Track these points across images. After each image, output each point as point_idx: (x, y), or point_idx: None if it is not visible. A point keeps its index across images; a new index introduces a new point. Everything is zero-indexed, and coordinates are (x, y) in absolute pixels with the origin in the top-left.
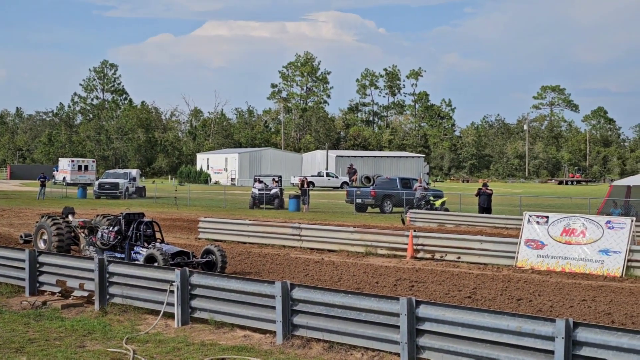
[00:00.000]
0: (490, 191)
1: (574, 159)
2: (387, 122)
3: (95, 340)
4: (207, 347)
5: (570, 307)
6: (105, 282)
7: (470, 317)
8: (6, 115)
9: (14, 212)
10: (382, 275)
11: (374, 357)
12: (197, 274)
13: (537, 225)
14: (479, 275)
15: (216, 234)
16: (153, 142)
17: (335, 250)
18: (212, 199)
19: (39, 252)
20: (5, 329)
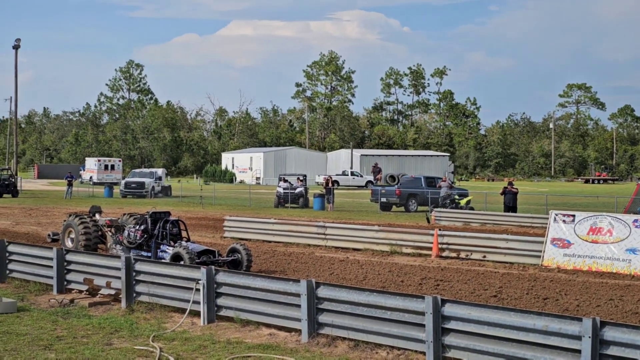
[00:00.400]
0: (516, 190)
1: (601, 158)
2: (412, 121)
3: (122, 338)
4: (233, 345)
5: (597, 307)
6: (132, 281)
7: (496, 315)
8: (34, 116)
9: (42, 211)
10: (407, 274)
11: (400, 356)
12: (222, 273)
13: (564, 224)
14: (505, 274)
15: (241, 232)
16: (178, 142)
17: (360, 249)
18: (237, 198)
19: (67, 250)
20: (34, 327)
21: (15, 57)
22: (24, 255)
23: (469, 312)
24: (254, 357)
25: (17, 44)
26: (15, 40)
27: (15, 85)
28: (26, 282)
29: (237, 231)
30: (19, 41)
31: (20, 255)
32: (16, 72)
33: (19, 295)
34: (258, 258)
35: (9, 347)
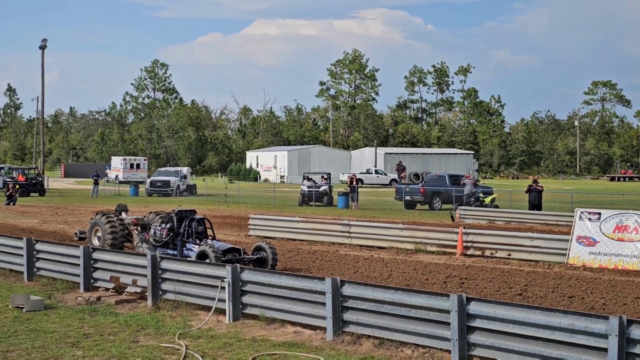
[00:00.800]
0: (541, 188)
1: (627, 155)
2: (436, 119)
3: (149, 335)
4: (258, 342)
5: (623, 305)
6: (157, 279)
7: (522, 314)
8: (60, 115)
9: (69, 210)
10: (432, 272)
11: (425, 354)
12: (247, 271)
13: (589, 222)
14: (530, 272)
15: (266, 230)
16: (203, 141)
17: (384, 247)
18: (261, 197)
19: (93, 248)
20: (61, 324)
21: (41, 57)
22: (51, 254)
23: (494, 310)
24: (279, 355)
25: (43, 44)
26: (41, 41)
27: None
28: (53, 280)
29: (261, 229)
30: (46, 41)
31: (47, 254)
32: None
33: (46, 293)
34: (283, 256)
35: (37, 344)
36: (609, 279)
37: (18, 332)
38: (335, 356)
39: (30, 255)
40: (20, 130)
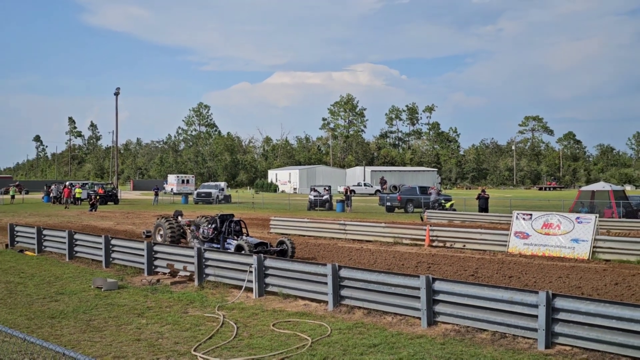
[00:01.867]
0: (487, 196)
1: (550, 171)
2: (409, 145)
3: (195, 307)
4: (277, 312)
5: (549, 282)
6: (202, 265)
7: (474, 289)
8: (130, 144)
9: (136, 215)
10: (407, 259)
11: (401, 320)
12: (269, 259)
13: (523, 221)
14: (480, 258)
15: (283, 229)
16: (236, 162)
17: (371, 241)
18: (279, 204)
19: (154, 243)
20: (130, 300)
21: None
22: (123, 247)
23: (453, 287)
24: (293, 322)
25: (117, 92)
26: (116, 89)
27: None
28: (124, 267)
29: (279, 228)
30: (119, 89)
31: (120, 247)
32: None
33: (119, 277)
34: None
35: (113, 314)
36: (539, 263)
37: (98, 305)
38: (335, 322)
39: (107, 249)
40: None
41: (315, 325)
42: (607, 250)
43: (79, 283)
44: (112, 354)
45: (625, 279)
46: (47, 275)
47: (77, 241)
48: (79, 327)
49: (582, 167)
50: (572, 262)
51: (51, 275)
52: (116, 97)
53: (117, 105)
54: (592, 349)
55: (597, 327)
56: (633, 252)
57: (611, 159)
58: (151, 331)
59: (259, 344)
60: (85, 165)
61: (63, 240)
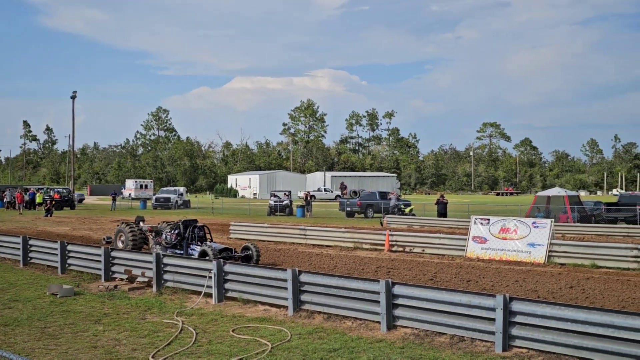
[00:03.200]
0: (446, 201)
1: (508, 177)
2: (369, 150)
3: (154, 313)
4: (236, 318)
5: (506, 286)
6: (161, 271)
7: (432, 293)
8: (87, 148)
9: (93, 220)
10: (366, 264)
11: (361, 325)
12: (229, 264)
13: (481, 226)
14: (439, 263)
15: (243, 234)
16: (195, 167)
17: (331, 246)
18: (239, 209)
19: (111, 249)
20: (87, 306)
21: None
22: (79, 253)
23: (412, 291)
24: (253, 327)
25: (74, 95)
26: (72, 92)
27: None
28: (81, 273)
29: (239, 233)
30: (75, 93)
31: (76, 253)
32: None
33: (75, 283)
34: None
35: (68, 321)
36: (496, 267)
37: (54, 312)
38: (295, 327)
39: (63, 254)
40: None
41: (275, 331)
42: (562, 254)
43: (33, 290)
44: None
45: (580, 283)
46: (0, 282)
47: (32, 247)
48: (33, 334)
49: (538, 173)
50: (528, 266)
51: (4, 282)
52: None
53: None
54: (548, 351)
55: (553, 330)
56: (587, 256)
57: (566, 165)
58: (108, 338)
59: (218, 349)
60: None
61: (17, 247)
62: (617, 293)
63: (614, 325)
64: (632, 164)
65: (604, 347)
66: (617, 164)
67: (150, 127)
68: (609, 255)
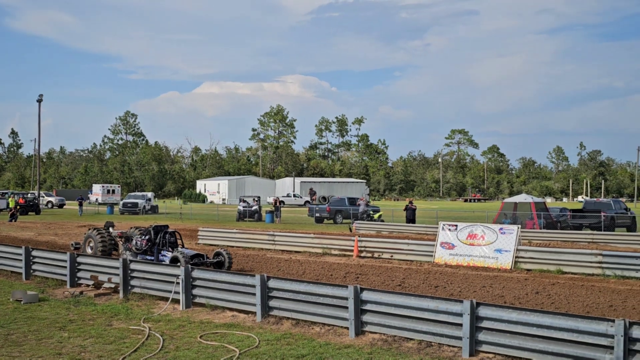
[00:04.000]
0: (415, 207)
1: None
2: (338, 156)
3: (120, 320)
4: (204, 324)
5: (474, 292)
6: (127, 277)
7: (401, 299)
8: (53, 152)
9: (58, 225)
10: (335, 269)
11: (329, 330)
12: (197, 270)
13: (449, 232)
14: (407, 269)
15: (211, 240)
16: (164, 172)
17: (300, 252)
18: (208, 214)
19: (77, 254)
20: (52, 312)
21: (39, 107)
22: (44, 259)
23: (380, 297)
24: (220, 333)
25: (40, 98)
26: (39, 95)
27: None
28: (46, 278)
29: (208, 239)
30: (42, 96)
31: (41, 259)
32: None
33: (40, 289)
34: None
35: (32, 328)
36: (464, 273)
37: (17, 319)
38: (263, 333)
39: (28, 260)
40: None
41: (243, 337)
42: (529, 260)
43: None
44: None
45: (546, 288)
46: None
47: None
48: None
49: (506, 180)
50: (495, 271)
51: None
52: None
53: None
54: (514, 356)
55: (519, 335)
56: (553, 262)
57: (533, 172)
58: (73, 345)
59: (186, 356)
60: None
61: None
62: (582, 298)
63: (578, 330)
64: (596, 171)
65: (569, 352)
66: (582, 171)
67: (118, 132)
68: (574, 261)
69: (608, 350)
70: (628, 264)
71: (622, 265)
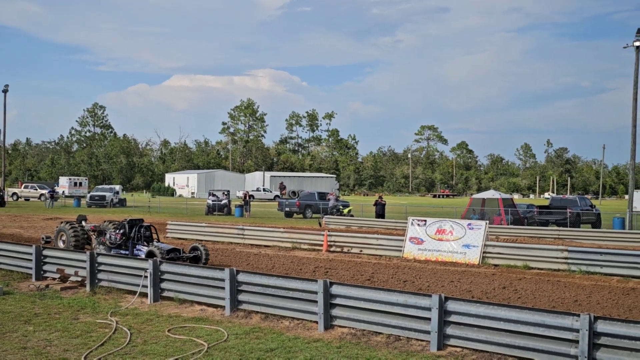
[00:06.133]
0: (384, 202)
1: (444, 179)
2: (308, 151)
3: (87, 313)
4: (172, 318)
5: (442, 286)
6: (95, 270)
7: (370, 293)
8: (18, 144)
9: (24, 218)
10: (305, 264)
11: (299, 324)
12: (165, 263)
13: (418, 227)
14: (376, 263)
15: (180, 233)
16: (132, 165)
17: (269, 246)
18: (176, 208)
19: (43, 247)
20: (16, 306)
21: (4, 98)
22: (9, 251)
23: (350, 291)
24: (189, 327)
25: (5, 89)
26: (4, 86)
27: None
28: (10, 272)
29: (177, 232)
30: (7, 86)
31: (6, 251)
32: (5, 110)
33: (4, 282)
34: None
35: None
36: (432, 268)
37: None
38: (232, 327)
39: None
40: None
41: (211, 331)
42: (496, 255)
43: None
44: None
45: (512, 283)
46: None
47: None
48: None
49: (474, 176)
50: (463, 266)
51: None
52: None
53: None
54: (482, 349)
55: (487, 329)
56: (519, 257)
57: (500, 169)
58: (38, 339)
59: (154, 350)
60: None
61: None
62: (548, 293)
63: (545, 324)
64: (563, 169)
65: (536, 346)
66: (549, 168)
67: (85, 124)
68: (540, 256)
69: (573, 344)
70: (593, 259)
71: (587, 261)
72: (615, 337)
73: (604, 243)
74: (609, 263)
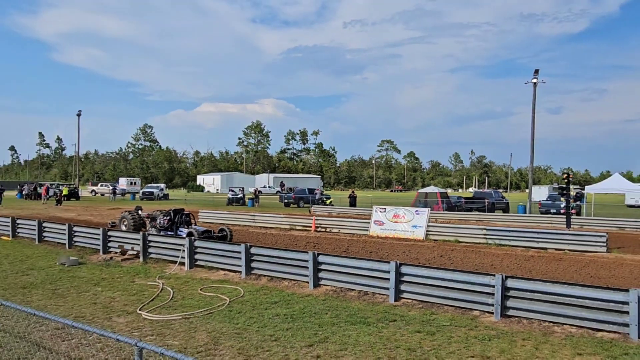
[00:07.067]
0: (355, 195)
1: (398, 178)
2: (301, 159)
3: (140, 277)
4: (203, 280)
5: (397, 256)
6: (146, 246)
7: (346, 261)
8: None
9: (93, 208)
10: (299, 240)
11: (295, 284)
12: (198, 240)
13: (380, 213)
14: (350, 239)
15: (209, 219)
16: (173, 169)
17: (273, 227)
18: (205, 200)
19: (108, 229)
20: (88, 273)
21: (78, 120)
22: (83, 233)
23: (332, 259)
24: (215, 287)
25: (79, 113)
26: (78, 111)
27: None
28: (84, 248)
29: (206, 218)
30: (80, 112)
31: (80, 233)
32: (78, 129)
33: (79, 255)
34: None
35: (74, 284)
36: (390, 242)
37: (62, 278)
38: (247, 286)
39: (70, 234)
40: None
41: (232, 289)
42: (436, 233)
43: (46, 261)
44: (74, 314)
45: (447, 253)
46: (19, 255)
47: (45, 228)
48: (46, 295)
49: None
50: (412, 241)
51: (23, 255)
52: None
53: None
54: (426, 300)
55: (429, 286)
56: (452, 234)
57: (438, 171)
58: (105, 296)
59: (190, 303)
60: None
61: (33, 227)
62: (472, 260)
63: (470, 282)
64: (482, 170)
65: (464, 297)
66: (472, 170)
67: (138, 139)
68: (466, 234)
69: (491, 296)
70: (504, 236)
71: (499, 237)
72: (520, 290)
73: (511, 224)
74: (515, 238)
